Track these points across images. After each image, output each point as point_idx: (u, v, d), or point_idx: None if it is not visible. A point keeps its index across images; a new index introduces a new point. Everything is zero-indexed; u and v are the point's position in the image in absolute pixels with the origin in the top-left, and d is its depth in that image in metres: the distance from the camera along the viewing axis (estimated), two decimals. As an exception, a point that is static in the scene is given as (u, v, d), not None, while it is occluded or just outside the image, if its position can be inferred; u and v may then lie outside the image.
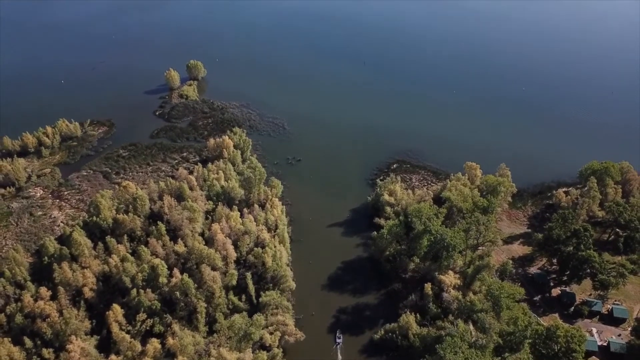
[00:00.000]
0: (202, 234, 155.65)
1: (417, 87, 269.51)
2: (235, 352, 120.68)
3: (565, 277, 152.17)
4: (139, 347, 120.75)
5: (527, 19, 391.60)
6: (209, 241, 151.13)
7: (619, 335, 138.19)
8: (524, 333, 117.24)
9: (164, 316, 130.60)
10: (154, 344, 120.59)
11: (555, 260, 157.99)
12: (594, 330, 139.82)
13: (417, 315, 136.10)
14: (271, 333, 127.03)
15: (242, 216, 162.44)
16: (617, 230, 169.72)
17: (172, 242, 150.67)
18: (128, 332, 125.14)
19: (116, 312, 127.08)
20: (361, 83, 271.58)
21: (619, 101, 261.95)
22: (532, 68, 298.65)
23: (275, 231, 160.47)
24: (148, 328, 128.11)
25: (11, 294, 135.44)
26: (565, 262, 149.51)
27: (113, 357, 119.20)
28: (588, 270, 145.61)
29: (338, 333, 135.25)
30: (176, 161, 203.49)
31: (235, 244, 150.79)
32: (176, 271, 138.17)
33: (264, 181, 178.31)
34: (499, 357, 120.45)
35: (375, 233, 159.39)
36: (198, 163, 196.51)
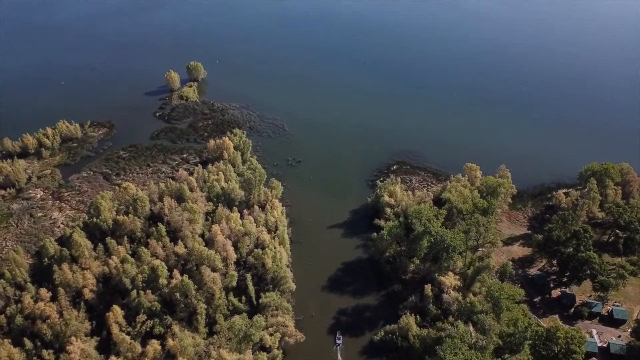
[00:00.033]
0: (202, 235, 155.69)
1: (417, 88, 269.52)
2: (235, 354, 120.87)
3: (565, 279, 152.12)
4: (139, 349, 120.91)
5: (527, 20, 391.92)
6: (209, 242, 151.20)
7: (619, 336, 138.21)
8: (524, 334, 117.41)
9: (164, 317, 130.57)
10: (154, 345, 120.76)
11: (555, 261, 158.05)
12: (594, 331, 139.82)
13: (417, 316, 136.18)
14: (271, 334, 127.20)
15: (242, 217, 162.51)
16: (617, 231, 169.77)
17: (172, 244, 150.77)
18: (128, 334, 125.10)
19: (116, 314, 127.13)
20: (361, 84, 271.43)
21: (619, 102, 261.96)
22: (532, 69, 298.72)
23: (275, 232, 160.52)
24: (148, 329, 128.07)
25: (11, 295, 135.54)
26: (565, 264, 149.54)
27: (113, 359, 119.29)
28: (588, 271, 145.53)
29: (338, 334, 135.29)
30: (176, 162, 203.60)
31: (235, 245, 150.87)
32: (176, 272, 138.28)
33: (264, 182, 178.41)
34: (499, 359, 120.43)
35: (375, 234, 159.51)
36: (198, 164, 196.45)
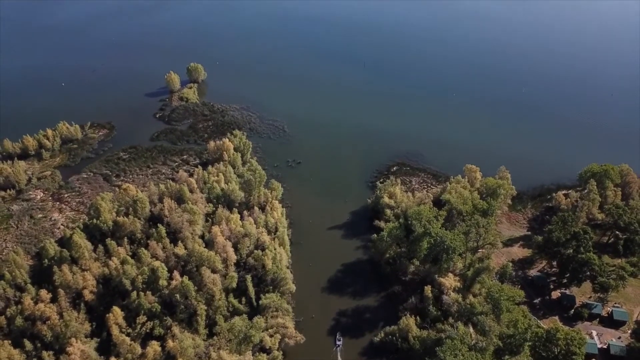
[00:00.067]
0: (202, 237, 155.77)
1: (417, 89, 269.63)
2: (235, 355, 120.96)
3: (565, 280, 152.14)
4: (139, 350, 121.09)
5: (527, 20, 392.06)
6: (209, 244, 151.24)
7: (619, 337, 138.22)
8: (524, 336, 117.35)
9: (164, 319, 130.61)
10: (154, 347, 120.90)
11: (555, 262, 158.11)
12: (594, 332, 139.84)
13: (417, 317, 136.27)
14: (271, 335, 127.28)
15: (242, 219, 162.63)
16: (617, 232, 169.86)
17: (172, 245, 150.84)
18: (128, 335, 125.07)
19: (116, 315, 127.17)
20: (361, 85, 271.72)
21: (619, 103, 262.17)
22: (532, 70, 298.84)
23: (275, 234, 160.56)
24: (148, 331, 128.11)
25: (11, 297, 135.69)
26: (565, 265, 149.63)
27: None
28: (588, 272, 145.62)
29: (338, 335, 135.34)
30: (176, 164, 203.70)
31: (235, 247, 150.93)
32: (176, 274, 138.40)
33: (264, 184, 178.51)
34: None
35: (375, 235, 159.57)
36: (198, 166, 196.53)
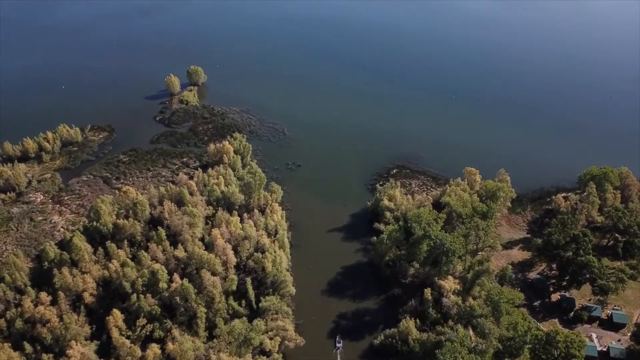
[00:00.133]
0: (202, 239, 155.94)
1: (417, 92, 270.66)
2: (235, 358, 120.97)
3: (564, 282, 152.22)
4: (139, 353, 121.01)
5: (526, 23, 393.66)
6: (209, 246, 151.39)
7: (619, 340, 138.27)
8: (524, 338, 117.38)
9: (164, 321, 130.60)
10: (154, 349, 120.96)
11: (554, 265, 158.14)
12: (594, 335, 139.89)
13: (417, 320, 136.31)
14: (271, 338, 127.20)
15: (242, 221, 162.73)
16: (616, 235, 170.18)
17: (172, 247, 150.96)
18: (128, 337, 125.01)
19: (116, 317, 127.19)
20: (361, 87, 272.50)
21: (618, 106, 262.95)
22: (531, 72, 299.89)
23: (275, 236, 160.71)
24: (148, 333, 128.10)
25: (11, 299, 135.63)
26: (564, 267, 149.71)
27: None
28: (587, 275, 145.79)
29: (338, 338, 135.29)
30: (176, 166, 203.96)
31: (235, 249, 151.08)
32: (176, 276, 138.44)
33: (264, 186, 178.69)
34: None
35: (375, 238, 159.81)
36: (198, 168, 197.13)
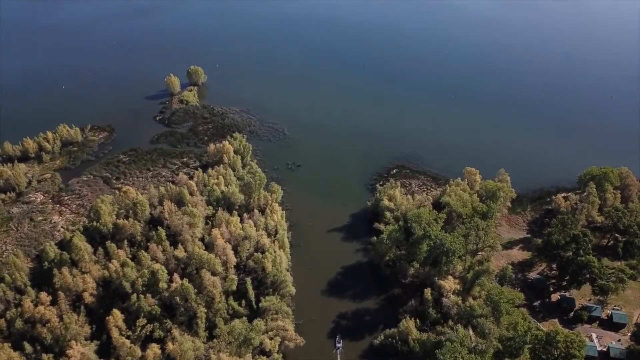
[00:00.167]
0: (202, 239, 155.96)
1: (417, 92, 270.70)
2: (235, 358, 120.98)
3: (564, 282, 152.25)
4: (139, 353, 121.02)
5: (526, 23, 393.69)
6: (209, 246, 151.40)
7: (619, 340, 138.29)
8: (524, 338, 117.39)
9: (164, 321, 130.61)
10: (154, 349, 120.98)
11: (554, 265, 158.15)
12: (594, 335, 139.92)
13: (417, 320, 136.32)
14: (271, 338, 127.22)
15: (242, 221, 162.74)
16: (616, 235, 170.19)
17: (172, 247, 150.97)
18: (128, 337, 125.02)
19: (116, 317, 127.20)
20: (361, 88, 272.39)
21: (618, 106, 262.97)
22: (531, 72, 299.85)
23: (275, 236, 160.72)
24: (148, 333, 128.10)
25: (11, 299, 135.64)
26: (564, 268, 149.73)
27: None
28: (587, 275, 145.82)
29: (338, 338, 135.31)
30: (176, 166, 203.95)
31: (235, 249, 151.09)
32: (176, 276, 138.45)
33: (264, 186, 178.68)
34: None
35: (375, 238, 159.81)
36: (198, 168, 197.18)
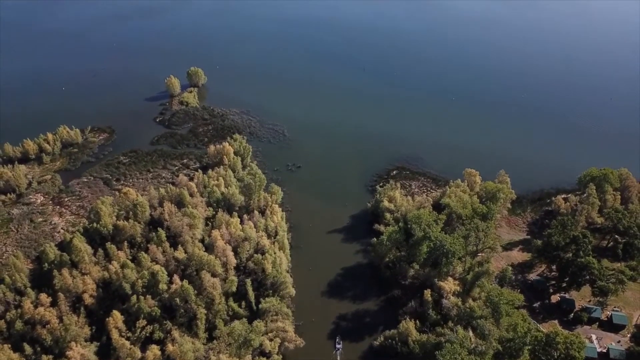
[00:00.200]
0: (202, 241, 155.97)
1: (417, 93, 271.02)
2: (235, 359, 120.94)
3: (564, 284, 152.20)
4: (139, 354, 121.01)
5: (526, 24, 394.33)
6: (209, 247, 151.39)
7: (619, 341, 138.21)
8: (524, 339, 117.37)
9: (164, 323, 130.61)
10: (154, 351, 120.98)
11: (554, 266, 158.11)
12: (594, 336, 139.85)
13: (417, 321, 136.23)
14: (271, 339, 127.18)
15: (242, 223, 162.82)
16: (616, 236, 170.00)
17: (172, 249, 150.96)
18: (128, 339, 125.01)
19: (116, 319, 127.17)
20: (361, 89, 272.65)
21: (618, 107, 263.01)
22: (531, 73, 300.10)
23: (275, 238, 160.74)
24: (148, 334, 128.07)
25: (11, 301, 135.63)
26: (564, 269, 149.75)
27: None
28: (587, 276, 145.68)
29: (338, 339, 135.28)
30: (176, 168, 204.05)
31: (235, 251, 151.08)
32: (176, 277, 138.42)
33: (264, 188, 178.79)
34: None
35: (374, 239, 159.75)
36: (198, 169, 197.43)
